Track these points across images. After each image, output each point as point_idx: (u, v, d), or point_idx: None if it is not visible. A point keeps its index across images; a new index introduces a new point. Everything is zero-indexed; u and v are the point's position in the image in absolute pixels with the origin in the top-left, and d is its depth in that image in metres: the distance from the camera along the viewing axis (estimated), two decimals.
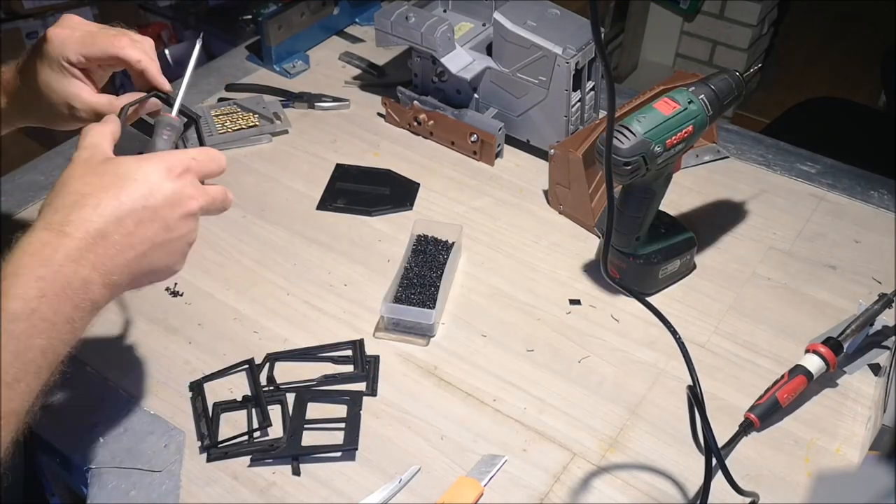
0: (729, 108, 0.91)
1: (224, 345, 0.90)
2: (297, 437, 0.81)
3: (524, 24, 1.08)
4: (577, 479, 0.79)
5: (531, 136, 1.15)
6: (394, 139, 1.20)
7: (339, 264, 1.01)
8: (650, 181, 0.87)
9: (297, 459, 0.79)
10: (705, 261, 1.01)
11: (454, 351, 0.91)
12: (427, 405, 0.85)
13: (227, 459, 0.80)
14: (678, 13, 2.79)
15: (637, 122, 0.83)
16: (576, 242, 1.04)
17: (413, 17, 1.12)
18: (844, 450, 0.82)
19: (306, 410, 0.83)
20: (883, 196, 1.10)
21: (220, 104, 1.22)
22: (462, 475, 0.79)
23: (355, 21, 1.44)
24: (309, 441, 0.81)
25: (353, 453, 0.80)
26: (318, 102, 1.25)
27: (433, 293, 0.93)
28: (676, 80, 1.07)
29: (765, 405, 0.82)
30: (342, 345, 0.90)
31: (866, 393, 0.86)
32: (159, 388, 0.86)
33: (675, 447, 0.81)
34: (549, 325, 0.93)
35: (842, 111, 1.95)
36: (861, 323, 0.87)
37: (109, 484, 0.78)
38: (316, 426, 0.82)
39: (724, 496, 0.75)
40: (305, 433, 0.82)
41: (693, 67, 2.79)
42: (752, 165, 1.15)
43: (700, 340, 0.92)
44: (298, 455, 0.80)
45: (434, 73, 1.18)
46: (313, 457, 0.80)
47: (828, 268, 1.00)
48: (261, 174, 1.13)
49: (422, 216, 1.07)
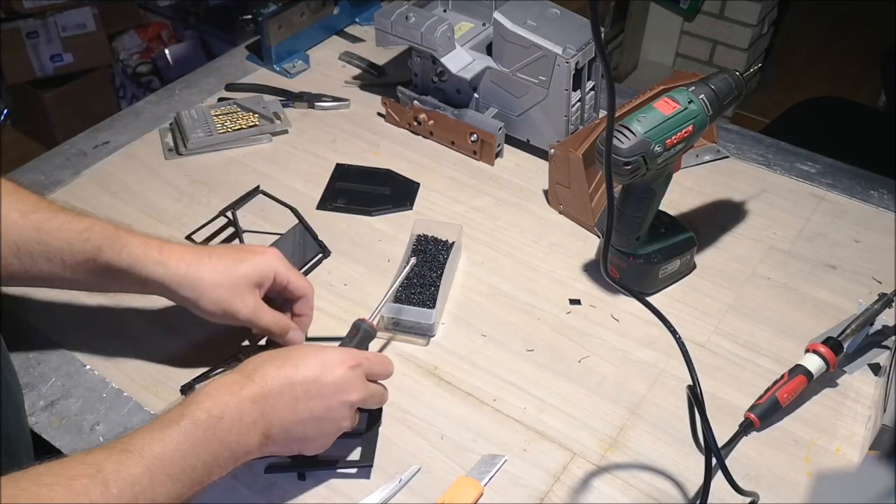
0: (729, 108, 0.91)
1: (224, 345, 0.90)
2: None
3: (524, 24, 1.08)
4: (577, 478, 0.79)
5: (531, 135, 1.15)
6: (394, 139, 1.20)
7: (339, 264, 1.01)
8: (650, 181, 0.87)
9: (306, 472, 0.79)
10: (705, 260, 1.01)
11: (454, 351, 0.91)
12: (427, 405, 0.85)
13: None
14: (678, 13, 2.79)
15: (637, 121, 0.83)
16: (576, 242, 1.04)
17: (413, 17, 1.12)
18: (844, 449, 0.82)
19: None
20: (883, 196, 1.10)
21: (220, 104, 1.22)
22: (462, 475, 0.79)
23: (355, 21, 1.44)
24: (324, 453, 0.79)
25: (369, 471, 0.79)
26: (318, 102, 1.25)
27: (433, 293, 0.93)
28: (676, 80, 1.07)
29: (765, 405, 0.82)
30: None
31: (866, 393, 0.86)
32: (159, 388, 0.86)
33: (675, 447, 0.81)
34: (549, 325, 0.93)
35: (842, 111, 1.95)
36: (861, 323, 0.87)
37: None
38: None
39: (724, 496, 0.75)
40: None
41: (693, 67, 2.79)
42: (752, 165, 1.15)
43: (700, 340, 0.92)
44: (314, 468, 0.79)
45: (434, 72, 1.18)
46: (328, 472, 0.79)
47: (828, 267, 1.00)
48: (261, 174, 1.13)
49: (422, 216, 1.07)
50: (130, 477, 0.61)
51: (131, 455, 0.62)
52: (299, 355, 0.73)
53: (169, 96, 1.28)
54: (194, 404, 0.67)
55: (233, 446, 0.67)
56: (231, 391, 0.68)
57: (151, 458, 0.63)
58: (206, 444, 0.66)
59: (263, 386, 0.70)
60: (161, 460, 0.63)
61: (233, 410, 0.67)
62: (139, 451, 0.63)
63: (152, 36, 2.72)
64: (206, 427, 0.66)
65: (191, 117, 1.18)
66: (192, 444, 0.65)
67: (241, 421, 0.68)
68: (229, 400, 0.68)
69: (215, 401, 0.67)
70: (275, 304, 0.85)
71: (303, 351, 0.74)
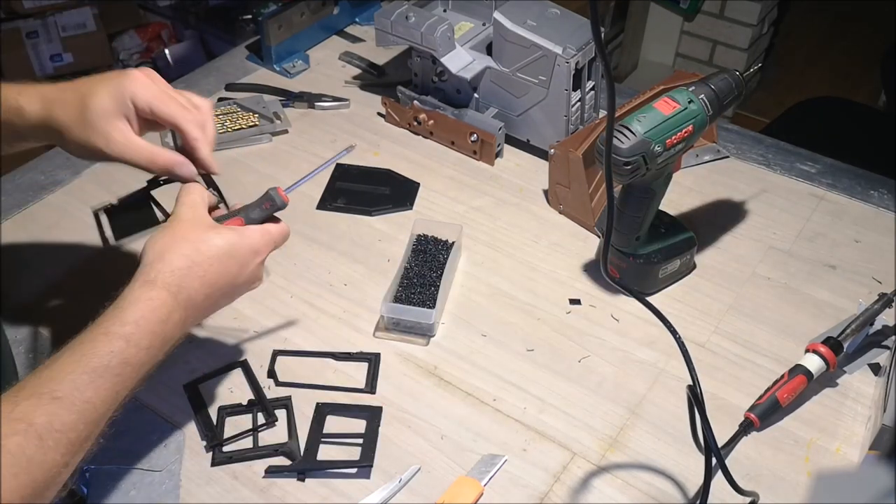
0: (729, 108, 0.91)
1: (224, 344, 0.91)
2: (314, 450, 0.80)
3: (524, 24, 1.08)
4: (577, 478, 0.79)
5: (531, 135, 1.15)
6: (394, 139, 1.20)
7: (340, 264, 1.01)
8: (650, 181, 0.87)
9: (306, 473, 0.79)
10: (705, 260, 1.01)
11: (454, 350, 0.91)
12: (427, 405, 0.85)
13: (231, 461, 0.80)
14: (678, 13, 2.79)
15: (637, 121, 0.83)
16: (576, 242, 1.04)
17: (413, 17, 1.12)
18: (844, 449, 0.82)
19: (324, 424, 0.82)
20: (883, 196, 1.10)
21: (220, 104, 1.22)
22: (462, 475, 0.79)
23: (355, 21, 1.44)
24: (323, 454, 0.80)
25: (369, 471, 0.79)
26: (318, 102, 1.25)
27: (433, 293, 0.93)
28: (676, 80, 1.07)
29: (765, 405, 0.82)
30: (356, 356, 0.89)
31: (866, 392, 0.86)
32: (159, 388, 0.86)
33: (675, 447, 0.81)
34: (549, 325, 0.93)
35: (842, 111, 1.95)
36: (861, 322, 0.87)
37: (109, 483, 0.78)
38: (332, 440, 0.81)
39: (723, 496, 0.75)
40: (321, 446, 0.81)
41: (693, 67, 2.79)
42: (752, 165, 1.15)
43: (700, 340, 0.92)
44: (314, 469, 0.79)
45: (434, 72, 1.18)
46: (327, 472, 0.79)
47: (828, 267, 1.00)
48: (261, 174, 1.13)
49: (422, 216, 1.07)
50: (64, 426, 0.60)
51: (62, 403, 0.61)
52: (221, 259, 0.71)
53: None
54: (123, 339, 0.65)
55: (155, 362, 0.69)
56: (160, 317, 0.67)
57: (83, 404, 0.62)
58: (133, 376, 0.66)
59: (188, 306, 0.69)
60: (93, 405, 0.62)
61: (159, 338, 0.67)
62: (69, 398, 0.61)
63: (152, 36, 2.72)
64: (137, 363, 0.66)
65: None
66: (124, 380, 0.65)
67: (165, 343, 0.68)
68: (158, 329, 0.67)
69: (145, 331, 0.66)
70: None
71: (224, 253, 0.72)
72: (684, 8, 2.75)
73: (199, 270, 0.70)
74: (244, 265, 0.73)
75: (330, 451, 0.81)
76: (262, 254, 0.74)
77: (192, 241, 0.70)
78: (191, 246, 0.70)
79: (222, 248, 0.71)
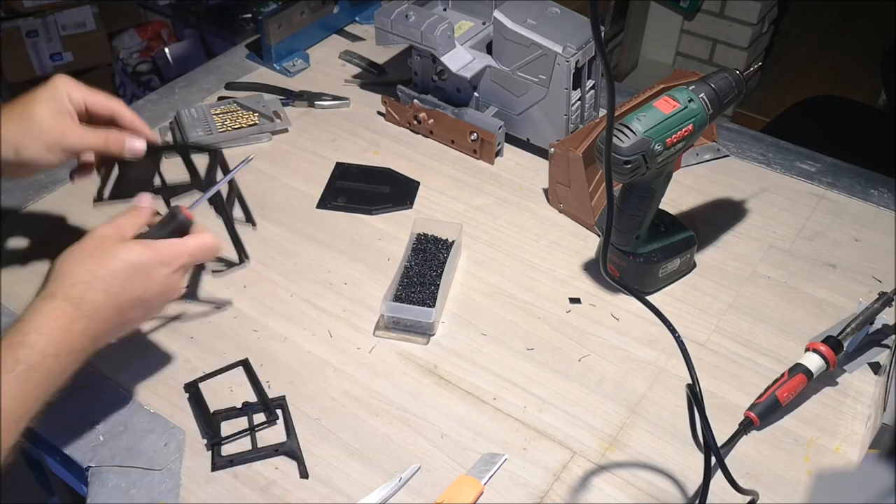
0: (729, 107, 0.91)
1: (224, 343, 0.91)
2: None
3: (524, 23, 1.08)
4: (577, 477, 0.79)
5: (531, 134, 1.15)
6: (394, 138, 1.20)
7: (339, 263, 1.01)
8: (650, 180, 0.87)
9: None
10: (705, 259, 1.01)
11: (454, 349, 0.91)
12: (427, 404, 0.85)
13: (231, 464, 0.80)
14: (678, 12, 2.79)
15: (637, 120, 0.83)
16: (576, 241, 1.04)
17: (413, 16, 1.12)
18: (844, 448, 0.82)
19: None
20: (883, 195, 1.10)
21: (219, 103, 1.22)
22: (462, 474, 0.79)
23: (355, 19, 1.44)
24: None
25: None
26: (317, 101, 1.25)
27: (433, 292, 0.93)
28: (676, 79, 1.07)
29: (765, 404, 0.82)
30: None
31: (866, 391, 0.86)
32: (159, 387, 0.86)
33: (675, 446, 0.81)
34: (549, 324, 0.93)
35: (842, 110, 1.95)
36: (861, 321, 0.87)
37: (109, 483, 0.78)
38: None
39: (723, 495, 0.75)
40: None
41: (693, 66, 2.79)
42: (752, 164, 1.15)
43: (700, 339, 0.92)
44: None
45: (434, 71, 1.18)
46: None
47: (828, 266, 1.00)
48: (261, 173, 1.13)
49: (422, 215, 1.07)
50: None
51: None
52: (126, 272, 0.73)
53: (169, 95, 1.28)
54: (27, 347, 0.67)
55: (66, 372, 0.71)
56: (62, 325, 0.69)
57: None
58: (43, 382, 0.68)
59: (93, 316, 0.71)
60: (4, 408, 0.65)
61: (65, 346, 0.69)
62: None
63: (152, 35, 2.72)
64: (43, 369, 0.68)
65: (191, 116, 1.18)
66: (31, 386, 0.67)
67: (73, 352, 0.70)
68: (62, 336, 0.69)
69: (49, 339, 0.69)
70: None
71: (130, 266, 0.73)
72: (684, 7, 2.75)
73: (102, 284, 0.72)
74: (151, 277, 0.74)
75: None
76: (171, 266, 0.76)
77: (98, 256, 0.73)
78: (95, 261, 0.72)
79: (128, 260, 0.73)
